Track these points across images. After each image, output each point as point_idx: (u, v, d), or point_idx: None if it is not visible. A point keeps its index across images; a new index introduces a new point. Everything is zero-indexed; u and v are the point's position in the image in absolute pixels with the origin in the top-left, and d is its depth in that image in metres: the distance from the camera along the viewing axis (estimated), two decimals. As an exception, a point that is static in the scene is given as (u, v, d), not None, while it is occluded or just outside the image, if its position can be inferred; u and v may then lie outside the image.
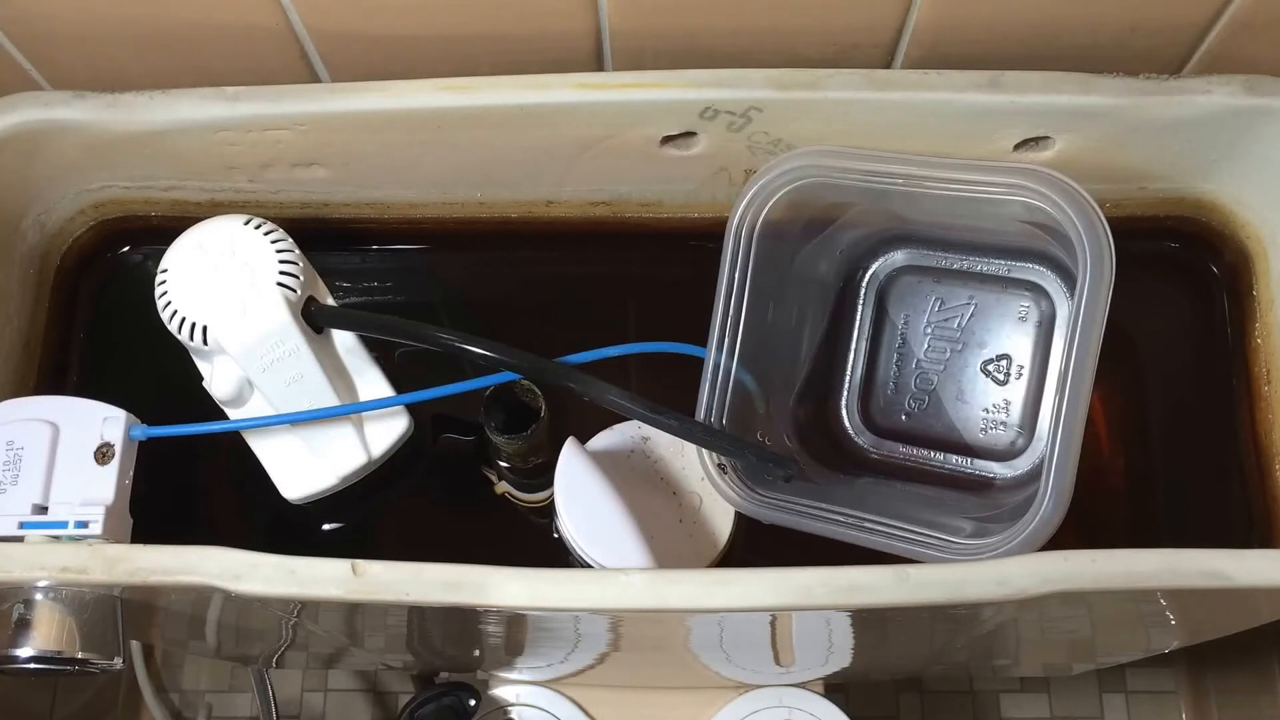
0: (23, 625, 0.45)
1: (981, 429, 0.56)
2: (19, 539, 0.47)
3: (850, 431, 0.58)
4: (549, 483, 0.53)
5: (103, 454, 0.49)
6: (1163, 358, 0.59)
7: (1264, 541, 0.55)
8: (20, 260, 0.58)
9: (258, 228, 0.52)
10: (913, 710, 1.04)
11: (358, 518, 0.58)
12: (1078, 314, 0.46)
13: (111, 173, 0.57)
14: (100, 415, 0.49)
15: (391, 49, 0.54)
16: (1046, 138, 0.53)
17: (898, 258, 0.57)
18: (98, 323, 0.61)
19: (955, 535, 0.48)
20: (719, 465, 0.52)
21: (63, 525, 0.47)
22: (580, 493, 0.52)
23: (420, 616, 0.53)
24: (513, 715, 0.77)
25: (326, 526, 0.57)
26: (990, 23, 0.52)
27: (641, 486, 0.54)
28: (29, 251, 0.58)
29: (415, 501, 0.59)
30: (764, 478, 0.52)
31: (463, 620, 0.52)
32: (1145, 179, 0.56)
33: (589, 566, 0.51)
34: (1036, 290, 0.55)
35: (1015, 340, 0.55)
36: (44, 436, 0.48)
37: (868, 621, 0.50)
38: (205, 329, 0.50)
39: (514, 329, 0.53)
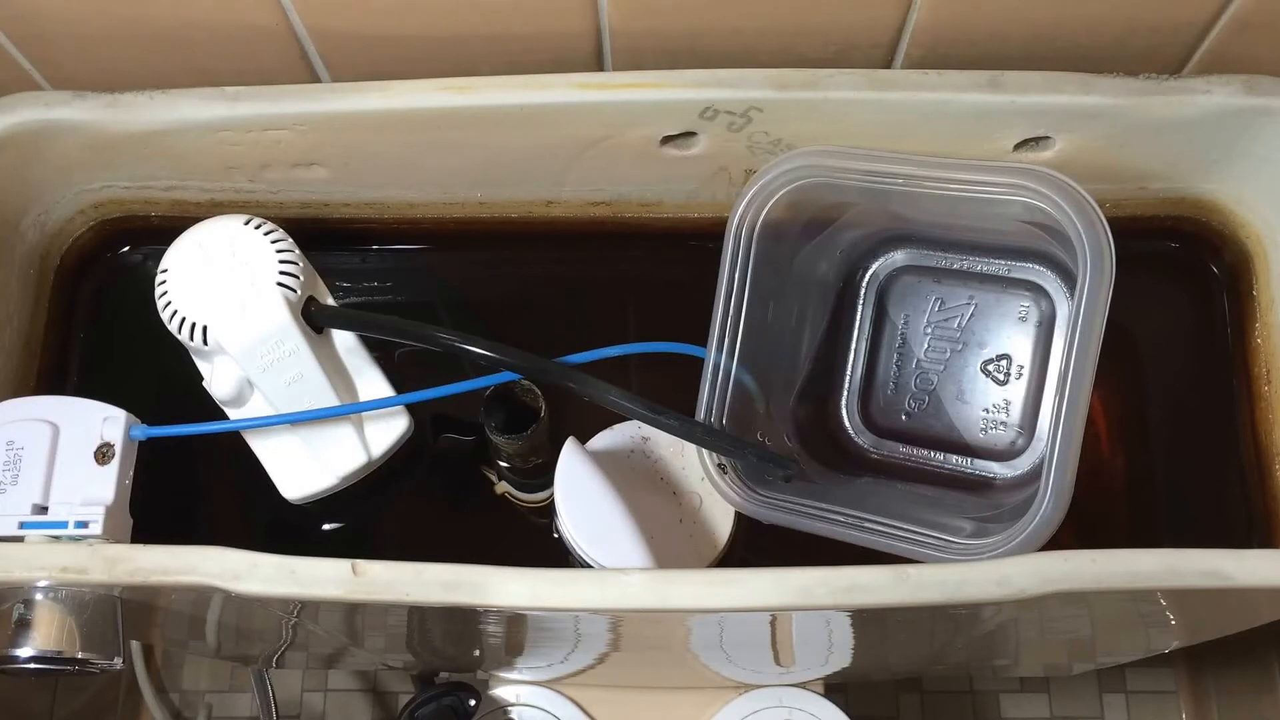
0: (23, 625, 0.45)
1: (981, 429, 0.56)
2: (19, 539, 0.47)
3: (850, 431, 0.58)
4: (549, 483, 0.53)
5: (103, 454, 0.49)
6: (1163, 358, 0.59)
7: (1264, 541, 0.55)
8: (20, 260, 0.58)
9: (258, 228, 0.52)
10: (913, 710, 1.04)
11: (358, 518, 0.58)
12: (1078, 314, 0.46)
13: (111, 173, 0.57)
14: (100, 415, 0.49)
15: (391, 49, 0.54)
16: (1046, 138, 0.53)
17: (898, 258, 0.57)
18: (98, 323, 0.61)
19: (955, 535, 0.48)
20: (719, 465, 0.52)
21: (63, 525, 0.47)
22: (580, 493, 0.52)
23: (420, 616, 0.53)
24: (513, 715, 0.77)
25: (326, 526, 0.57)
26: (990, 23, 0.52)
27: (641, 486, 0.54)
28: (29, 251, 0.58)
29: (415, 501, 0.59)
30: (764, 478, 0.52)
31: (463, 620, 0.52)
32: (1145, 179, 0.56)
33: (589, 566, 0.51)
34: (1036, 290, 0.55)
35: (1015, 340, 0.55)
36: (44, 436, 0.48)
37: (868, 621, 0.50)
38: (205, 329, 0.50)
39: (514, 329, 0.53)
